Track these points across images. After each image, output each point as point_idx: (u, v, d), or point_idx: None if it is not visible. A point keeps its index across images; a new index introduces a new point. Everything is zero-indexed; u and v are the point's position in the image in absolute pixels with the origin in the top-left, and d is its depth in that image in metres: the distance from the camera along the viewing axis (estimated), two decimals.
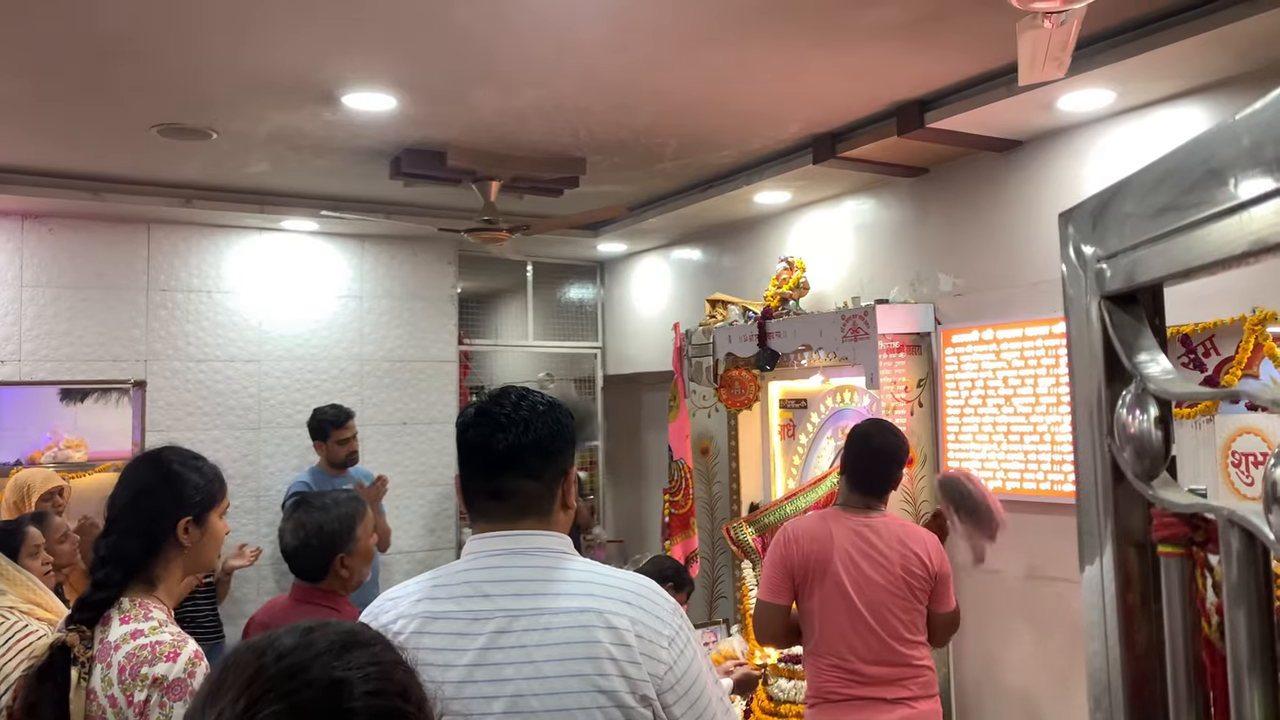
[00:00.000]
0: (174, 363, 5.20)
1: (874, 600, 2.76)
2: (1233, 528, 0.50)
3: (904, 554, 2.79)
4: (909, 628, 2.78)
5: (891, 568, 2.77)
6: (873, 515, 2.86)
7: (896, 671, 2.76)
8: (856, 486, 2.89)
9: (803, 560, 2.81)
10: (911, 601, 2.79)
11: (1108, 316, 0.62)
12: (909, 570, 2.78)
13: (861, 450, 2.91)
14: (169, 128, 3.75)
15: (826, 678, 2.80)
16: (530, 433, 1.48)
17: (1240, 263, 0.48)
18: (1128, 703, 0.61)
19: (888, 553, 2.78)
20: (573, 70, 3.18)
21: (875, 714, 2.74)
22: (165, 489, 1.87)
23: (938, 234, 4.13)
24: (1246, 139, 0.45)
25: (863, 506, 2.87)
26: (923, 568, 2.79)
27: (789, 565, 2.83)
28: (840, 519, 2.85)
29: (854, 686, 2.76)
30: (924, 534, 2.90)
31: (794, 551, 2.83)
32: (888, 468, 2.90)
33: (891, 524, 2.87)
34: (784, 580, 2.84)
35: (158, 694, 1.65)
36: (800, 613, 2.87)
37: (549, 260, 6.43)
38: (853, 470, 2.91)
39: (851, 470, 2.91)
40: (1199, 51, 2.84)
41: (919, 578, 2.79)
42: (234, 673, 0.79)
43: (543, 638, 1.36)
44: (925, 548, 2.83)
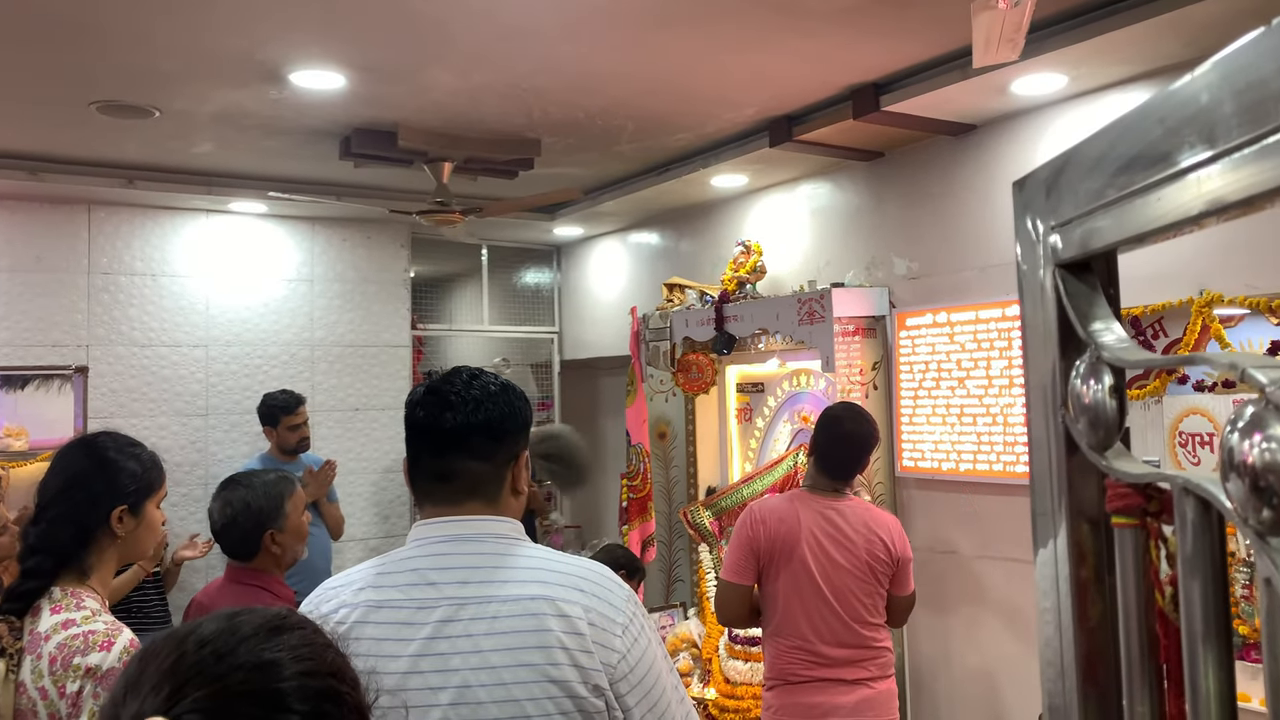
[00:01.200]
0: (117, 348, 5.06)
1: (838, 583, 2.78)
2: (1188, 496, 0.49)
3: (869, 538, 2.81)
4: (870, 610, 2.82)
5: (857, 551, 2.79)
6: (840, 499, 2.88)
7: (857, 653, 2.80)
8: (825, 470, 2.90)
9: (769, 542, 2.82)
10: (874, 585, 2.82)
11: (1061, 285, 0.61)
12: (873, 554, 2.81)
13: (833, 434, 2.92)
14: (109, 105, 3.64)
15: (787, 659, 2.82)
16: (480, 413, 1.44)
17: (1196, 224, 0.47)
18: (1080, 680, 0.60)
19: (854, 536, 2.80)
20: (527, 51, 3.14)
21: (835, 695, 2.77)
22: (99, 476, 1.81)
23: (893, 218, 4.15)
24: (1205, 95, 0.44)
25: (830, 490, 2.89)
26: (886, 552, 2.82)
27: (755, 546, 2.83)
28: (807, 501, 2.86)
29: (814, 668, 2.78)
30: (888, 519, 2.94)
31: (760, 533, 2.83)
32: (858, 453, 2.92)
33: (858, 508, 2.89)
34: (748, 561, 2.84)
35: (91, 684, 1.60)
36: (763, 594, 2.88)
37: (504, 244, 6.37)
38: (823, 454, 2.91)
39: (821, 454, 2.92)
40: (1149, 37, 2.86)
41: (882, 561, 2.82)
42: (154, 662, 0.74)
43: (491, 626, 1.32)
44: (889, 532, 2.86)
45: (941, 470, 3.79)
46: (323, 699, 0.75)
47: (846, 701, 2.77)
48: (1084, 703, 0.60)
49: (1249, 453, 0.41)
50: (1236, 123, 0.42)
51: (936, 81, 3.31)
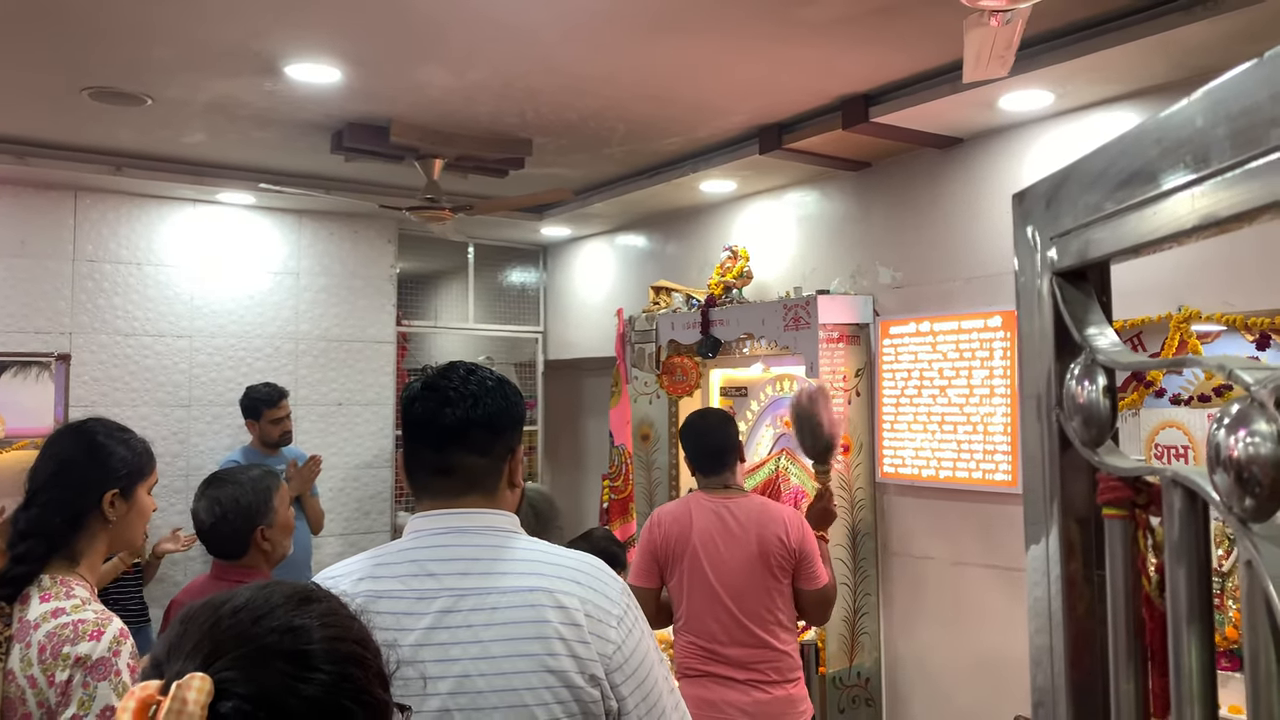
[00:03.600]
0: (100, 336, 5.04)
1: (731, 581, 2.81)
2: (1176, 488, 0.53)
3: (761, 534, 2.82)
4: (769, 608, 2.81)
5: (748, 548, 2.81)
6: (732, 496, 2.93)
7: (753, 654, 2.79)
8: (700, 469, 3.01)
9: (664, 543, 2.89)
10: (770, 581, 2.81)
11: (1059, 293, 0.64)
12: (766, 550, 2.81)
13: (687, 436, 3.07)
14: (101, 91, 3.63)
15: (687, 654, 2.87)
16: (479, 408, 1.46)
17: (1190, 238, 0.50)
18: (1067, 665, 0.64)
19: (742, 534, 2.83)
20: (522, 51, 3.16)
21: (729, 693, 2.79)
22: (90, 461, 1.81)
23: (879, 227, 4.20)
24: (1200, 119, 0.47)
25: (719, 487, 2.95)
26: (782, 546, 2.81)
27: (653, 549, 2.92)
28: (700, 501, 2.93)
29: (710, 664, 2.82)
30: (784, 513, 2.91)
31: (657, 535, 2.91)
32: (714, 444, 2.99)
33: (750, 504, 2.92)
34: (650, 564, 2.93)
35: (80, 673, 1.60)
36: (668, 592, 2.96)
37: (491, 242, 6.38)
38: (690, 458, 3.05)
39: (689, 458, 3.05)
40: (1136, 57, 2.93)
41: (778, 556, 2.81)
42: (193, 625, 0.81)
43: (490, 617, 1.34)
44: (784, 526, 2.84)
45: (921, 477, 3.85)
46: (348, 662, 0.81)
47: (739, 700, 2.77)
48: (1069, 687, 0.64)
49: (1234, 446, 0.45)
50: (1228, 146, 0.45)
51: (925, 95, 3.37)
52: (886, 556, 4.03)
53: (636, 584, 2.93)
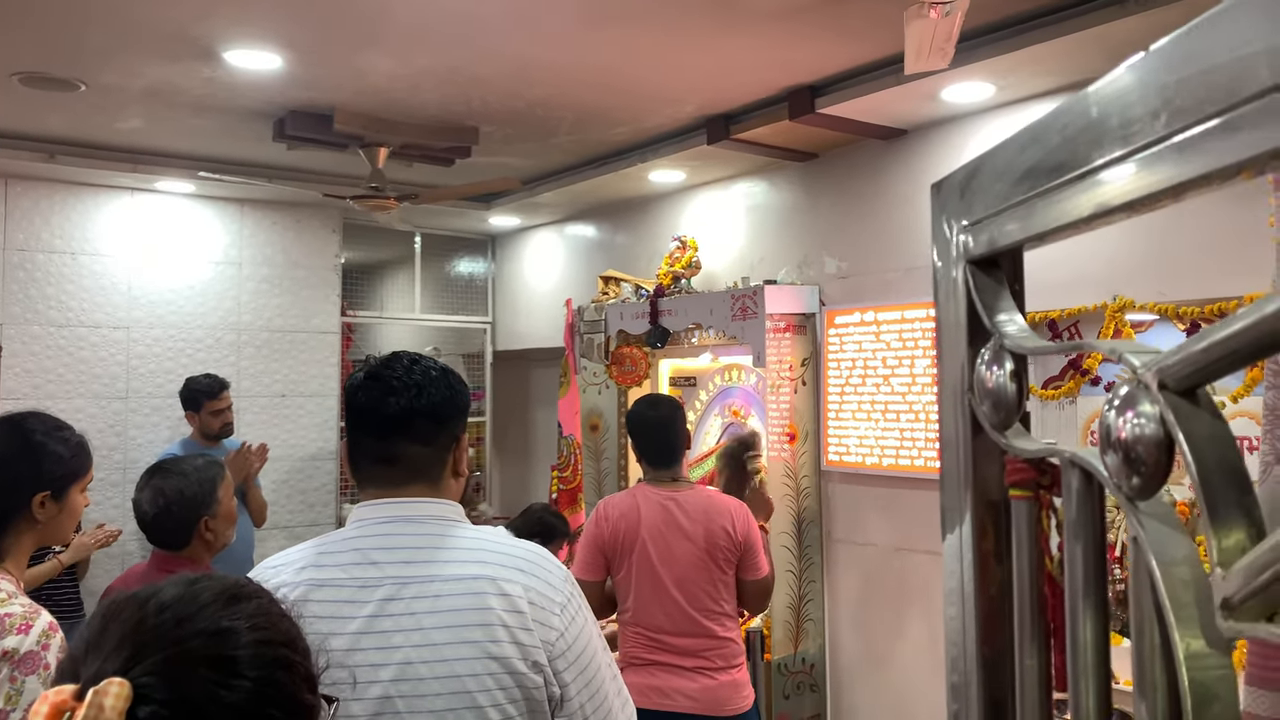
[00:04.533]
0: (33, 327, 4.91)
1: (678, 573, 2.84)
2: (1073, 468, 0.55)
3: (708, 526, 2.86)
4: (714, 599, 2.87)
5: (696, 540, 2.85)
6: (679, 488, 2.95)
7: (699, 643, 2.85)
8: (649, 461, 3.00)
9: (612, 536, 2.90)
10: (716, 572, 2.86)
11: (971, 280, 0.66)
12: (713, 542, 2.85)
13: (635, 426, 3.04)
14: (32, 76, 3.53)
15: (633, 644, 2.90)
16: (423, 397, 1.46)
17: (1087, 226, 0.52)
18: (979, 643, 0.66)
19: (690, 526, 2.86)
20: (468, 38, 3.13)
21: (676, 680, 2.84)
22: (24, 460, 1.78)
23: (825, 218, 4.24)
24: (1095, 109, 0.49)
25: (667, 479, 2.97)
26: (728, 538, 2.87)
27: (600, 543, 2.92)
28: (647, 494, 2.94)
29: (656, 653, 2.86)
30: (730, 505, 2.97)
31: (604, 529, 2.92)
32: (663, 435, 2.99)
33: (698, 496, 2.95)
34: (596, 557, 2.93)
35: (8, 668, 1.58)
36: (614, 584, 2.97)
37: (438, 232, 6.33)
38: (638, 448, 3.03)
39: (637, 449, 3.04)
40: (1074, 50, 2.99)
41: (723, 549, 2.86)
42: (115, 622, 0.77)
43: (433, 605, 1.35)
44: (730, 519, 2.89)
45: (865, 465, 3.90)
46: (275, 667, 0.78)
47: (685, 686, 2.83)
48: (981, 663, 0.66)
49: (1122, 428, 0.46)
50: (1119, 137, 0.47)
51: (870, 86, 3.40)
52: (831, 544, 4.09)
53: (582, 577, 2.92)
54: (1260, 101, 0.36)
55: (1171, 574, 0.44)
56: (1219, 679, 0.41)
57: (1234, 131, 0.37)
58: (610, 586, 2.98)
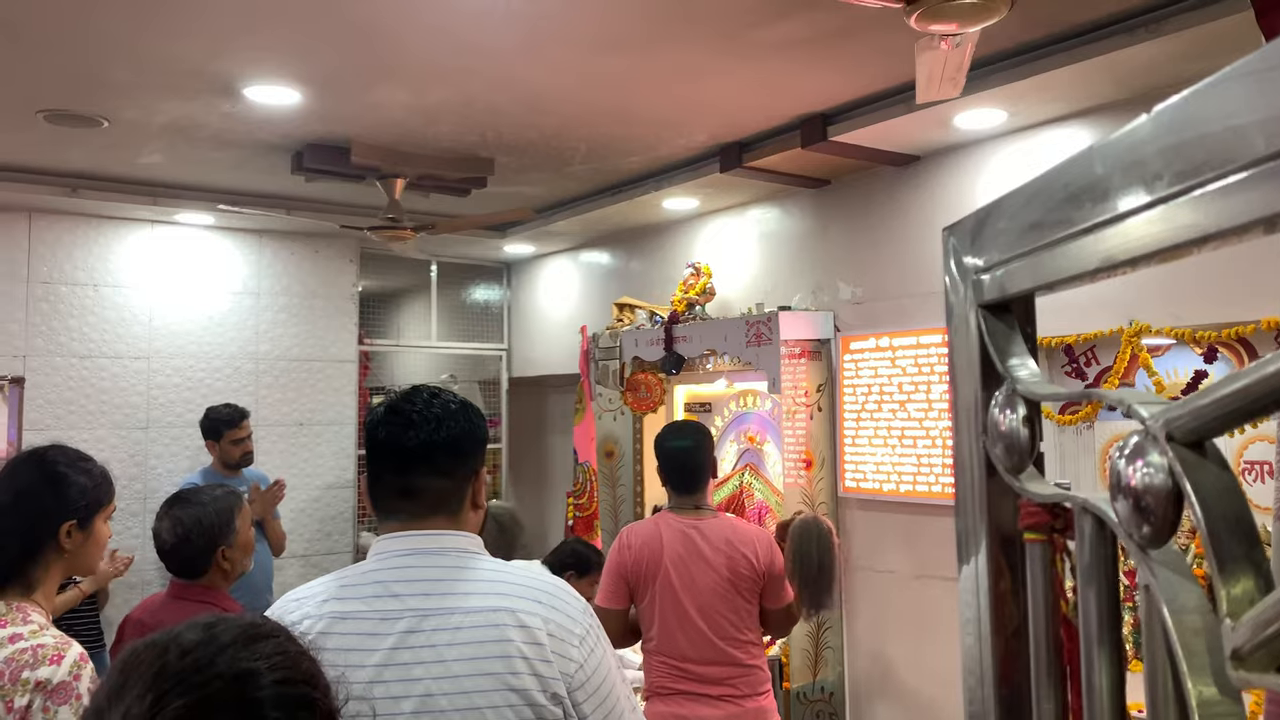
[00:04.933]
0: (55, 359, 4.97)
1: (701, 601, 2.82)
2: (1085, 514, 0.55)
3: (730, 555, 2.84)
4: (738, 627, 2.84)
5: (719, 569, 2.83)
6: (702, 516, 2.93)
7: (725, 671, 2.83)
8: (674, 487, 2.98)
9: (634, 564, 2.88)
10: (739, 601, 2.84)
11: (983, 324, 0.67)
12: (735, 571, 2.83)
13: (662, 453, 3.01)
14: (56, 114, 3.60)
15: (659, 673, 2.88)
16: (443, 430, 1.48)
17: (1093, 278, 0.53)
18: (997, 683, 0.66)
19: (713, 555, 2.84)
20: (483, 71, 3.18)
21: (701, 708, 2.81)
22: (49, 491, 1.82)
23: (838, 244, 4.26)
24: (1099, 166, 0.50)
25: (690, 507, 2.94)
26: (750, 568, 2.84)
27: (623, 571, 2.91)
28: (670, 522, 2.92)
29: (682, 682, 2.84)
30: (754, 533, 2.94)
31: (627, 558, 2.90)
32: (689, 463, 2.97)
33: (721, 525, 2.92)
34: (618, 585, 2.92)
35: (41, 698, 1.60)
36: (637, 613, 2.95)
37: (454, 260, 6.38)
38: (663, 475, 3.01)
39: (664, 474, 3.01)
40: (1085, 77, 3.01)
41: (746, 578, 2.84)
42: (136, 671, 0.78)
43: (453, 637, 1.36)
44: (754, 548, 2.87)
45: (883, 491, 3.89)
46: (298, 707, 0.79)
47: (711, 715, 2.80)
48: (999, 704, 0.66)
49: (1132, 476, 0.47)
50: (1121, 194, 0.48)
51: (881, 114, 3.43)
52: (849, 571, 4.07)
53: (605, 605, 2.91)
54: (1256, 169, 0.37)
55: (1183, 622, 0.45)
56: None
57: (1234, 195, 0.39)
58: (634, 615, 2.97)
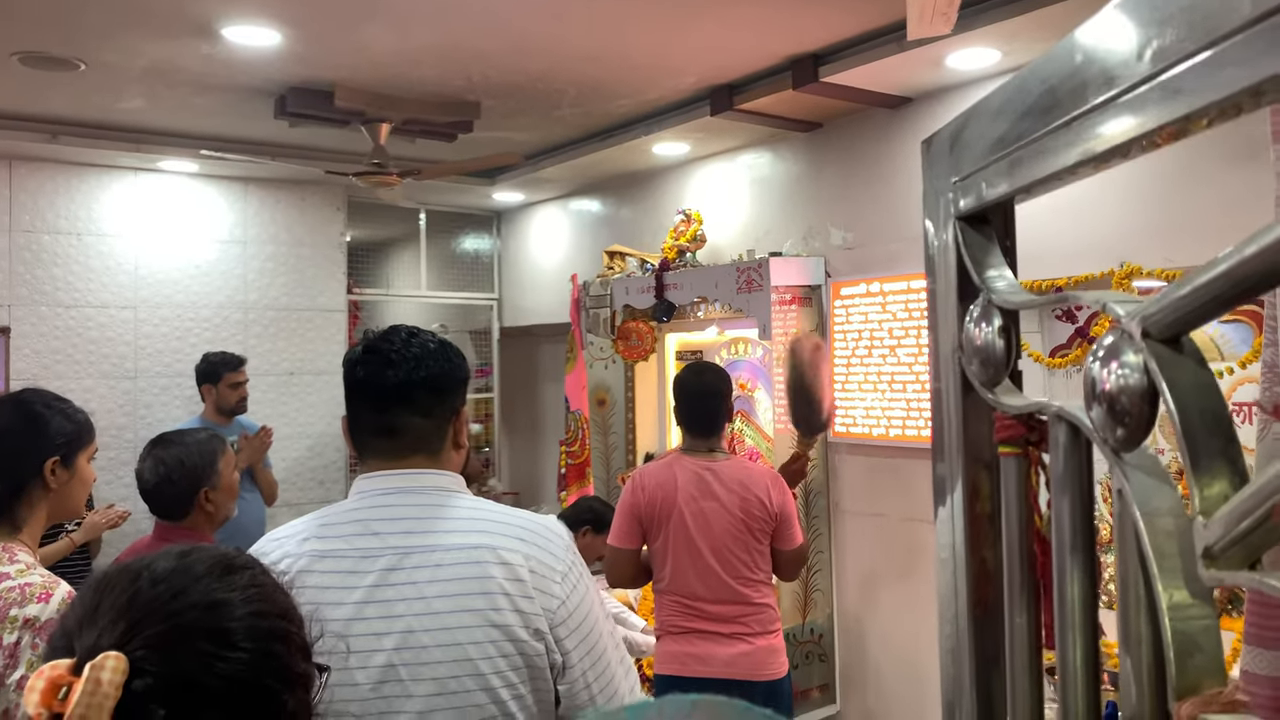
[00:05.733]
0: (41, 308, 4.93)
1: (715, 541, 2.86)
2: (1060, 422, 0.54)
3: (744, 496, 2.88)
4: (750, 567, 2.89)
5: (731, 510, 2.87)
6: (715, 458, 2.96)
7: (736, 609, 2.87)
8: (689, 429, 3.00)
9: (649, 505, 2.91)
10: (752, 542, 2.88)
11: (961, 237, 0.65)
12: (748, 512, 2.87)
13: (682, 394, 3.02)
14: (32, 56, 3.52)
15: (670, 612, 2.93)
16: (421, 369, 1.47)
17: (1073, 174, 0.51)
18: (970, 604, 0.65)
19: (726, 496, 2.88)
20: (468, 11, 3.11)
21: (713, 647, 2.86)
22: (29, 430, 1.83)
23: (830, 189, 4.21)
24: (1078, 56, 0.47)
25: (704, 450, 2.97)
26: (763, 509, 2.89)
27: (636, 511, 2.94)
28: (684, 463, 2.95)
29: (694, 620, 2.88)
30: (765, 475, 2.98)
31: (641, 498, 2.93)
32: (711, 406, 2.99)
33: (734, 466, 2.96)
34: (632, 525, 2.95)
35: (29, 635, 1.62)
36: (649, 553, 2.99)
37: (443, 209, 6.31)
38: (681, 416, 3.02)
39: (680, 416, 3.03)
40: (1078, 12, 2.93)
41: (759, 519, 2.88)
42: (109, 596, 0.77)
43: (434, 574, 1.36)
44: (766, 489, 2.91)
45: (873, 436, 3.90)
46: (270, 638, 0.79)
47: (723, 653, 2.85)
48: (973, 624, 0.65)
49: (1107, 379, 0.46)
50: (1101, 83, 0.46)
51: (873, 54, 3.36)
52: (838, 514, 4.09)
53: (618, 545, 2.95)
54: (1242, 35, 0.34)
55: (1155, 524, 0.43)
56: (1202, 630, 0.41)
57: (1219, 67, 0.36)
58: (645, 555, 2.99)
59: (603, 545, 3.67)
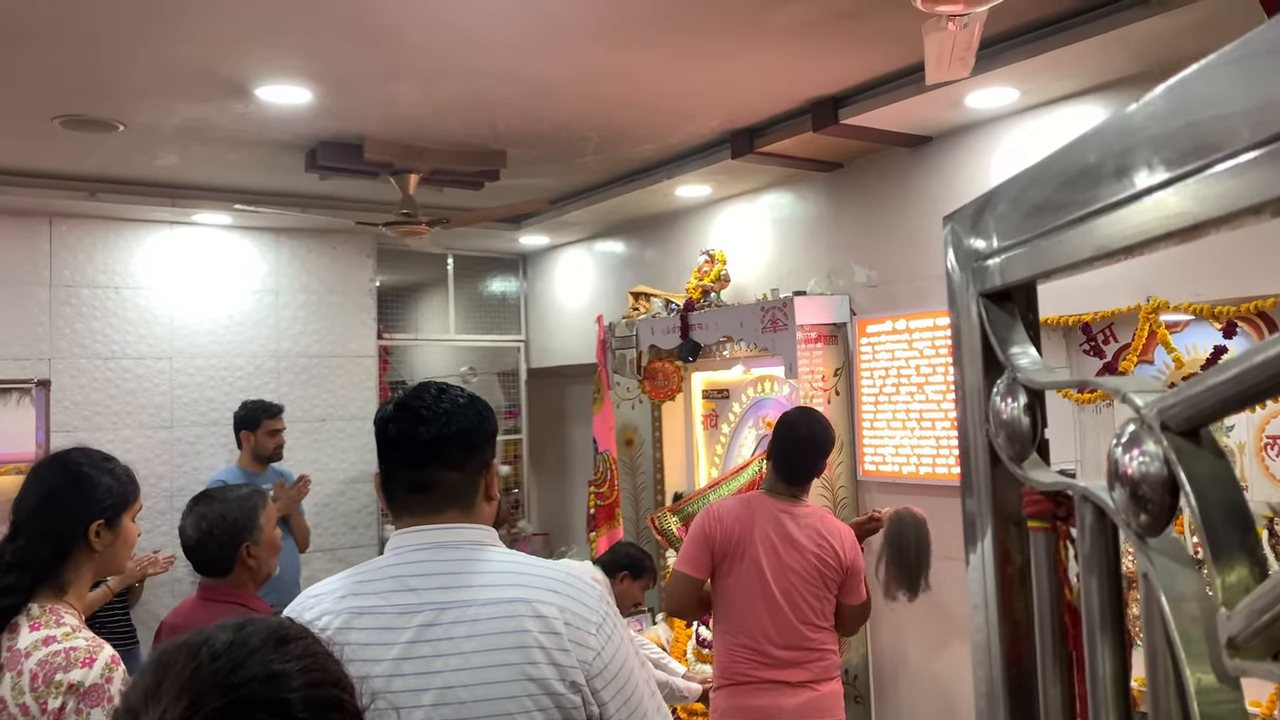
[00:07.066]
0: (80, 361, 5.03)
1: (788, 585, 2.85)
2: (1086, 503, 0.56)
3: (820, 544, 2.87)
4: (818, 614, 2.88)
5: (806, 556, 2.86)
6: (796, 504, 2.95)
7: (803, 655, 2.86)
8: (782, 474, 2.96)
9: (724, 539, 2.89)
10: (822, 590, 2.88)
11: (985, 313, 0.67)
12: (823, 560, 2.87)
13: (788, 439, 2.98)
14: (72, 119, 3.63)
15: (736, 658, 2.89)
16: (452, 424, 1.49)
17: (1088, 266, 0.53)
18: (1005, 666, 0.67)
19: (804, 541, 2.87)
20: (490, 63, 3.18)
21: (780, 697, 2.83)
22: (75, 492, 1.84)
23: (852, 227, 4.24)
24: (1092, 155, 0.50)
25: (787, 495, 2.95)
26: (835, 559, 2.88)
27: (711, 542, 2.91)
28: (764, 504, 2.93)
29: (762, 669, 2.85)
30: (841, 528, 2.98)
31: (717, 530, 2.90)
32: (813, 457, 2.97)
33: (812, 514, 2.95)
34: (704, 554, 2.91)
35: (74, 700, 1.62)
36: (716, 590, 2.95)
37: (470, 253, 6.39)
38: (779, 458, 2.98)
39: (778, 458, 2.98)
40: (1096, 52, 2.97)
41: (831, 568, 2.88)
42: (171, 672, 0.80)
43: (471, 629, 1.37)
44: (841, 541, 2.91)
45: (902, 474, 3.88)
46: (326, 708, 0.81)
47: (791, 704, 2.83)
48: (1008, 686, 0.67)
49: (1129, 465, 0.47)
50: (1114, 181, 0.48)
51: (893, 95, 3.40)
52: (870, 554, 4.06)
53: (687, 571, 2.91)
54: (1243, 157, 0.37)
55: (1181, 610, 0.45)
56: (1230, 713, 0.42)
57: (1221, 182, 0.38)
58: (707, 589, 2.96)
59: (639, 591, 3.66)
